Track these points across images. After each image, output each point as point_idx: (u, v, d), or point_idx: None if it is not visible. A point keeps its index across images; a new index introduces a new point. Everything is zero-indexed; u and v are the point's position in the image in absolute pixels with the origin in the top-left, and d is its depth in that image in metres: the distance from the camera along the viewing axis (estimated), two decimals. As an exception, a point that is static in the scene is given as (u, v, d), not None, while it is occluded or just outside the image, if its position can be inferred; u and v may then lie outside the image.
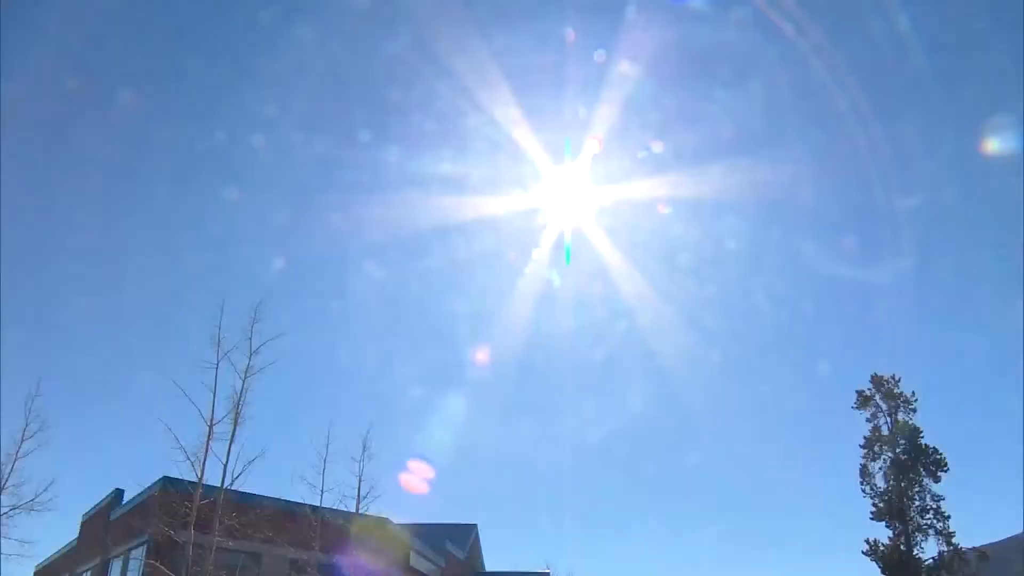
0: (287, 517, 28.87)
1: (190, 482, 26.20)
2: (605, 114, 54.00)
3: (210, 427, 25.97)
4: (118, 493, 36.31)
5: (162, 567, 25.67)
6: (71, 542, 41.34)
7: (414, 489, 44.51)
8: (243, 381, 26.64)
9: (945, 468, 44.48)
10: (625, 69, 51.95)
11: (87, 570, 37.59)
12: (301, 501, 28.51)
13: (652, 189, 64.56)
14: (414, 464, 44.79)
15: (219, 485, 26.13)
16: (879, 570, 43.77)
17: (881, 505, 44.15)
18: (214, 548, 25.48)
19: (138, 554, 30.69)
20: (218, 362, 26.37)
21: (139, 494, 32.76)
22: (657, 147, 64.72)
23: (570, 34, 59.28)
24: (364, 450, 29.21)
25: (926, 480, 44.42)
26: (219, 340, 26.64)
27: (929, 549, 43.39)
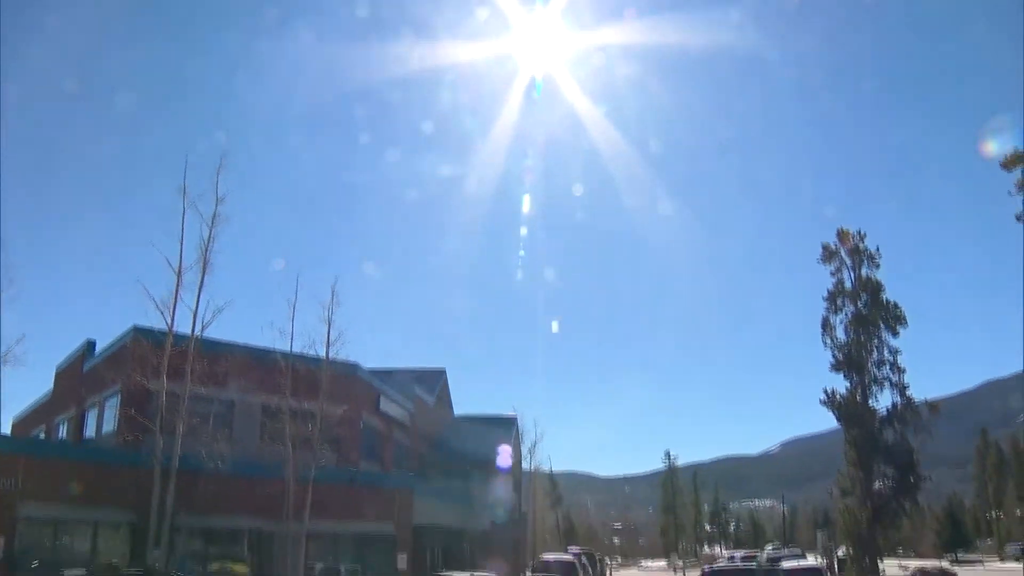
0: (258, 364, 29.24)
1: (160, 331, 26.42)
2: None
3: (178, 275, 26.02)
4: (90, 344, 36.54)
5: (136, 415, 26.07)
6: (46, 394, 41.79)
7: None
8: (210, 229, 26.61)
9: (904, 323, 45.31)
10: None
11: (63, 420, 38.14)
12: (272, 348, 28.78)
13: (625, 35, 63.59)
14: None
15: (189, 333, 26.39)
16: (835, 418, 45.25)
17: (840, 357, 45.09)
18: (187, 396, 25.87)
19: (112, 403, 31.18)
20: (184, 210, 26.25)
21: (111, 344, 33.02)
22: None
23: None
24: (333, 297, 29.24)
25: (885, 334, 45.23)
26: (184, 188, 26.42)
27: (884, 400, 44.69)
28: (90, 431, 34.21)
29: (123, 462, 26.04)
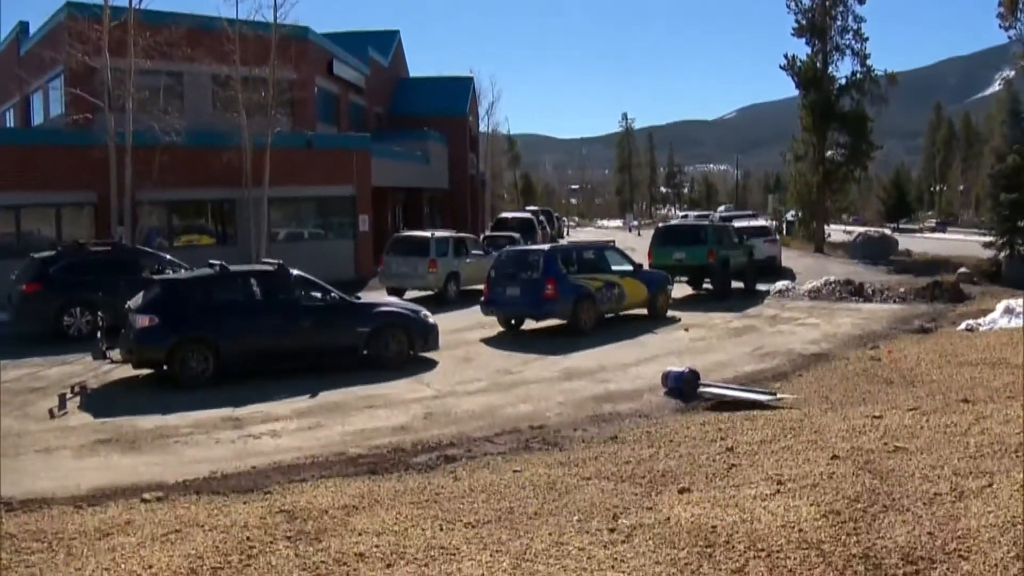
0: (204, 33, 27.93)
1: (96, 5, 25.28)
2: None
3: (107, -59, 24.28)
4: (23, 26, 34.79)
5: (83, 94, 25.32)
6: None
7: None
8: None
9: (871, -12, 44.18)
10: None
11: (8, 109, 37.29)
12: (217, 15, 27.56)
13: None
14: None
15: (127, 5, 25.05)
16: (794, 84, 45.29)
17: (804, 21, 44.30)
18: (132, 70, 24.96)
19: (56, 85, 30.37)
20: None
21: (45, 24, 31.34)
22: None
23: None
24: (279, -49, 27.47)
25: (851, 1, 44.36)
26: None
27: (844, 69, 44.70)
28: (38, 117, 33.56)
29: (77, 143, 25.64)
